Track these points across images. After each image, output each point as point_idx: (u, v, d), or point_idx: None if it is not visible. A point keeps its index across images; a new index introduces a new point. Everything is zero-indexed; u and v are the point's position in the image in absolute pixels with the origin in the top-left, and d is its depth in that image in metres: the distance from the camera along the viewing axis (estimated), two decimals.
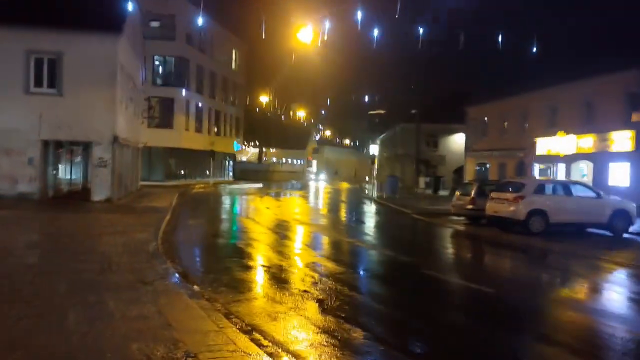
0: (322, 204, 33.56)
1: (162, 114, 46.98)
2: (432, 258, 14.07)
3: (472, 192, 20.07)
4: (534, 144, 31.56)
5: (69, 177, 28.70)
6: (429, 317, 8.02)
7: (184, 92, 47.78)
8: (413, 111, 74.64)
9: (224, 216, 23.94)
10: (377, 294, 9.79)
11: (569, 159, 28.40)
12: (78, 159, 30.17)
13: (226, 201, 32.20)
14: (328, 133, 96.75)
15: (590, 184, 22.67)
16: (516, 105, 33.96)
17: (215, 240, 15.55)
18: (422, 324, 7.63)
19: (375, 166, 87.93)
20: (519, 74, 33.56)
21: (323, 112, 79.46)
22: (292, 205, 31.45)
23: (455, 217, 22.11)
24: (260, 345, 5.83)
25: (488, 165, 37.96)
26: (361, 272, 11.74)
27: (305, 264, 11.80)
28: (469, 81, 50.12)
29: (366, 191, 47.23)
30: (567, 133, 27.90)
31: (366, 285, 10.45)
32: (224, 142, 57.83)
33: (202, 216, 22.41)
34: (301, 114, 68.86)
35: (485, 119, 38.53)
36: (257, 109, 69.04)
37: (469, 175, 40.82)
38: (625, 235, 17.79)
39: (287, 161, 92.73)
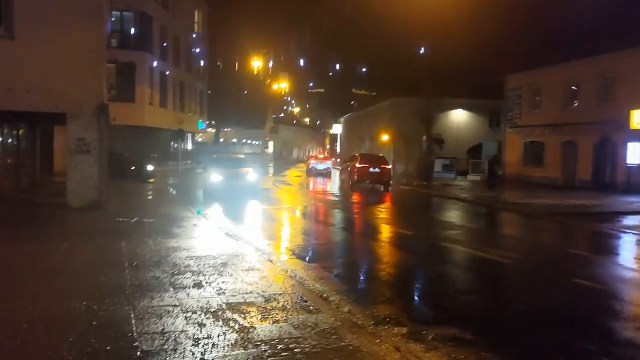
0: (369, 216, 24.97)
1: (121, 84, 37.12)
2: None
3: None
4: (628, 116, 24.90)
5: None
6: None
7: (148, 57, 38.16)
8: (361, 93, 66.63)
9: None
10: None
11: None
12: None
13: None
14: (297, 110, 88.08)
15: None
16: (594, 69, 27.21)
17: None
18: None
19: (338, 146, 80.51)
20: (594, 30, 26.98)
21: (310, 84, 70.65)
22: (346, 201, 23.34)
23: None
24: None
25: (544, 144, 31.20)
26: None
27: None
28: (483, 46, 43.21)
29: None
30: None
31: None
32: (188, 120, 48.55)
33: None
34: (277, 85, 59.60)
35: (537, 88, 31.69)
36: (219, 82, 59.60)
37: (511, 156, 34.08)
38: None
39: (245, 142, 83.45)
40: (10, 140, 19.03)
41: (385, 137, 46.98)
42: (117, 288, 6.78)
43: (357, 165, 26.29)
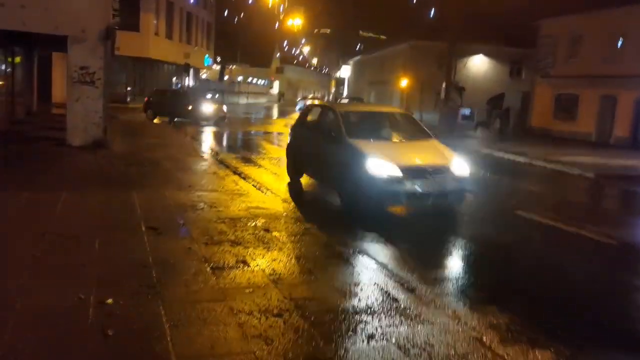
0: None
1: (125, 11, 34.34)
2: None
3: None
4: None
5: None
6: None
7: None
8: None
9: None
10: None
11: None
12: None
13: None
14: (307, 50, 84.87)
15: None
16: None
17: None
18: None
19: (345, 90, 77.73)
20: None
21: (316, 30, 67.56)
22: None
23: None
24: None
25: (578, 97, 29.05)
26: None
27: None
28: None
29: None
30: None
31: None
32: (194, 54, 45.92)
33: None
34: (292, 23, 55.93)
35: (576, 35, 29.24)
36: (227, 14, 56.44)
37: (539, 108, 32.04)
38: None
39: (250, 81, 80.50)
40: (4, 67, 17.01)
41: (401, 83, 44.53)
42: (136, 268, 5.04)
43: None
